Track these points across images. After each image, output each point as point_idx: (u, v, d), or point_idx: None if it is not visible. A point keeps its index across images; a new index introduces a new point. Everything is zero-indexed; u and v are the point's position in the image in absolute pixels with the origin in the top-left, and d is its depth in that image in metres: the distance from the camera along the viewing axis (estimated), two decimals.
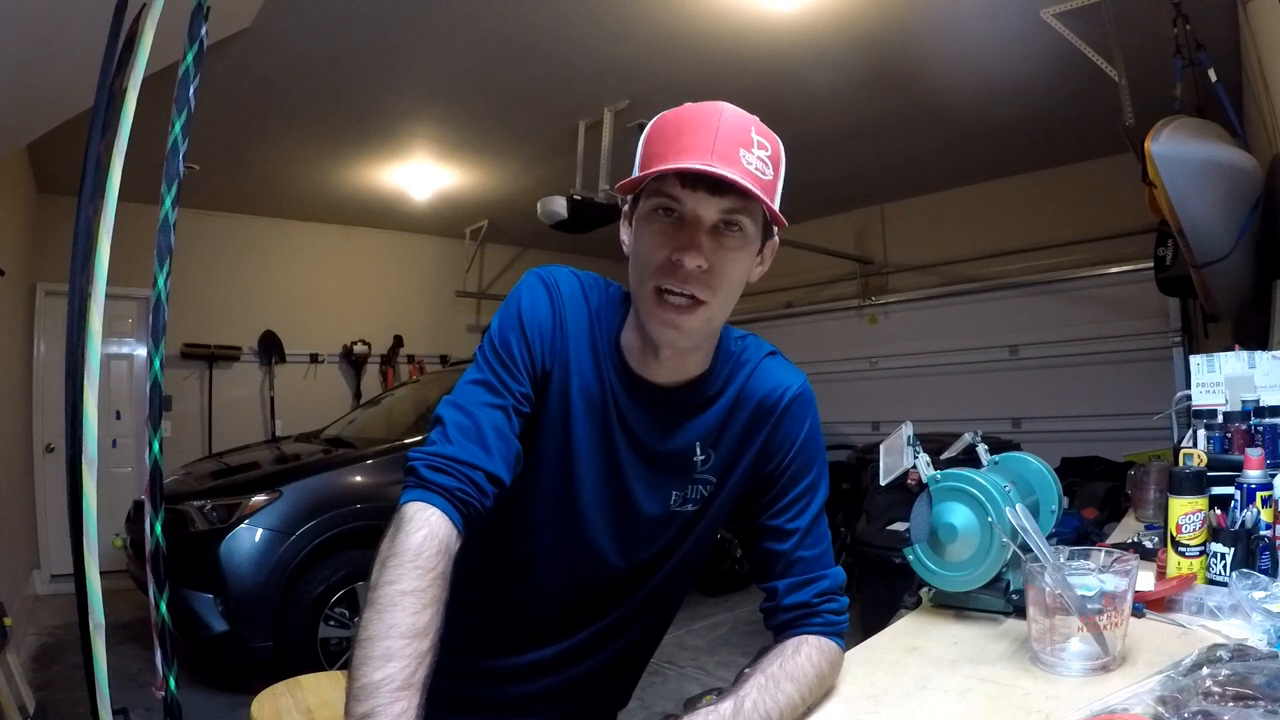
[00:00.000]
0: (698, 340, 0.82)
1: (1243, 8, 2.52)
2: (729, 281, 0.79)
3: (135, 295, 4.71)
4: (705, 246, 0.76)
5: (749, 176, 0.74)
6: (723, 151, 0.74)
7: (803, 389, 0.92)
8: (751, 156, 0.75)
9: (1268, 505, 1.05)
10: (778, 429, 0.90)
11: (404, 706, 0.60)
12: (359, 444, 3.88)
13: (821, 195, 5.79)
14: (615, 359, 0.87)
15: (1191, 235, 2.03)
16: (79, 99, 2.60)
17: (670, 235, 0.77)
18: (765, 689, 0.76)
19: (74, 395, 1.65)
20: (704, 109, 0.78)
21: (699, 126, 0.76)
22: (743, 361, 0.91)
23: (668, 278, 0.77)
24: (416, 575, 0.67)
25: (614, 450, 0.87)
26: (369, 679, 0.61)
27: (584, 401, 0.86)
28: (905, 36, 3.32)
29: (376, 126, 4.22)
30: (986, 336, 5.46)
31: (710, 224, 0.76)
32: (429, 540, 0.69)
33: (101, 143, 1.76)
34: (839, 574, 0.90)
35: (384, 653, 0.62)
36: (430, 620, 0.66)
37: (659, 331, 0.79)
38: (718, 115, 0.76)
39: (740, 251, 0.79)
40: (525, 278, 0.88)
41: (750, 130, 0.77)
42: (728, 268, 0.78)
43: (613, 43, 3.34)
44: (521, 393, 0.82)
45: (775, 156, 0.79)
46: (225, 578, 3.00)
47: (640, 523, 0.90)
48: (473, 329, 6.88)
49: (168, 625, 1.68)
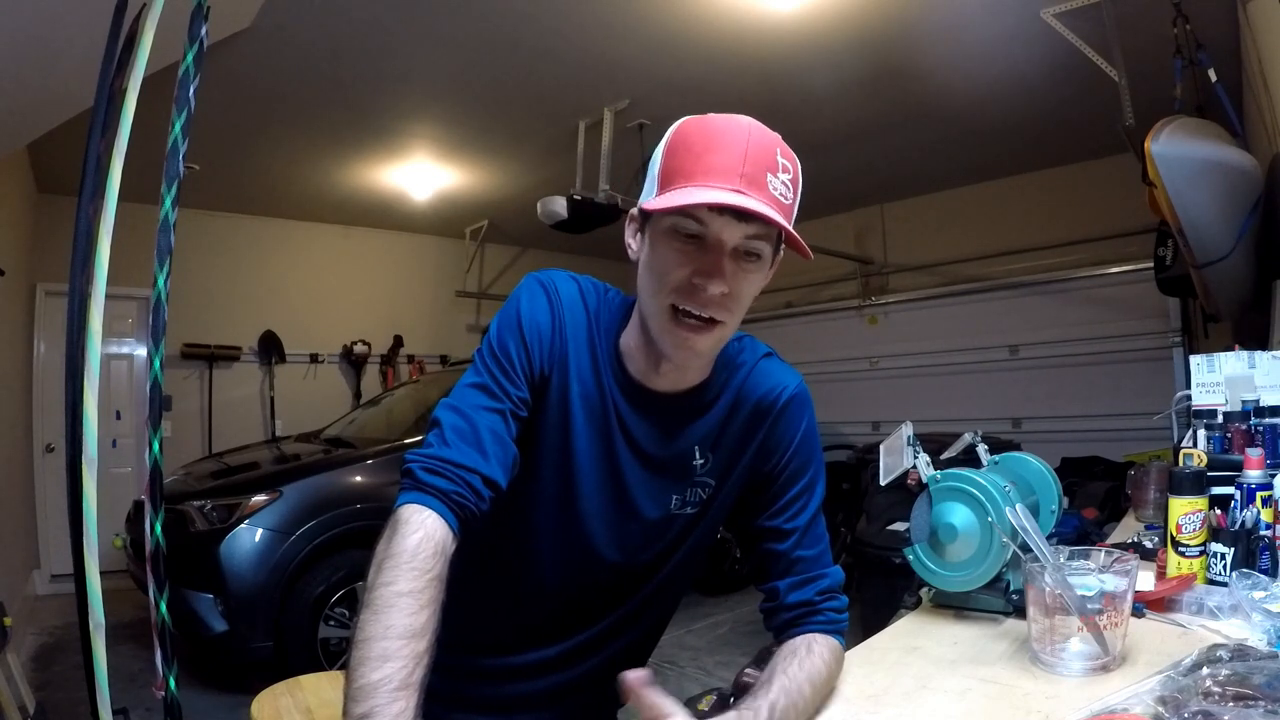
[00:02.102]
0: (709, 356, 0.83)
1: (1243, 8, 2.52)
2: (743, 302, 0.79)
3: (135, 295, 4.71)
4: (728, 271, 0.75)
5: (774, 203, 0.74)
6: (750, 176, 0.73)
7: (799, 389, 0.92)
8: (777, 181, 0.75)
9: (1268, 505, 1.05)
10: (774, 429, 0.90)
11: (402, 707, 0.60)
12: (359, 444, 3.87)
13: (821, 195, 5.78)
14: (614, 364, 0.87)
15: (1191, 235, 2.03)
16: (79, 99, 2.60)
17: (692, 256, 0.76)
18: (790, 693, 0.76)
19: (74, 395, 1.65)
20: (731, 125, 0.76)
21: (727, 145, 0.74)
22: (740, 363, 0.91)
23: (687, 299, 0.76)
24: (413, 577, 0.66)
25: (614, 455, 0.87)
26: (366, 680, 0.61)
27: (584, 406, 0.86)
28: (905, 36, 3.32)
29: (376, 126, 4.22)
30: (986, 336, 5.46)
31: (732, 248, 0.76)
32: (425, 542, 0.69)
33: (101, 143, 1.76)
34: (838, 573, 0.90)
35: (381, 654, 0.62)
36: (427, 621, 0.65)
37: (672, 349, 0.79)
38: (745, 135, 0.75)
39: (757, 274, 0.79)
40: (524, 281, 0.88)
41: (776, 153, 0.76)
42: (745, 289, 0.78)
43: (613, 43, 3.33)
44: (519, 397, 0.81)
45: (796, 179, 0.78)
46: (225, 578, 3.00)
47: (640, 526, 0.90)
48: (473, 329, 6.88)
49: (168, 625, 1.68)
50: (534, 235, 6.07)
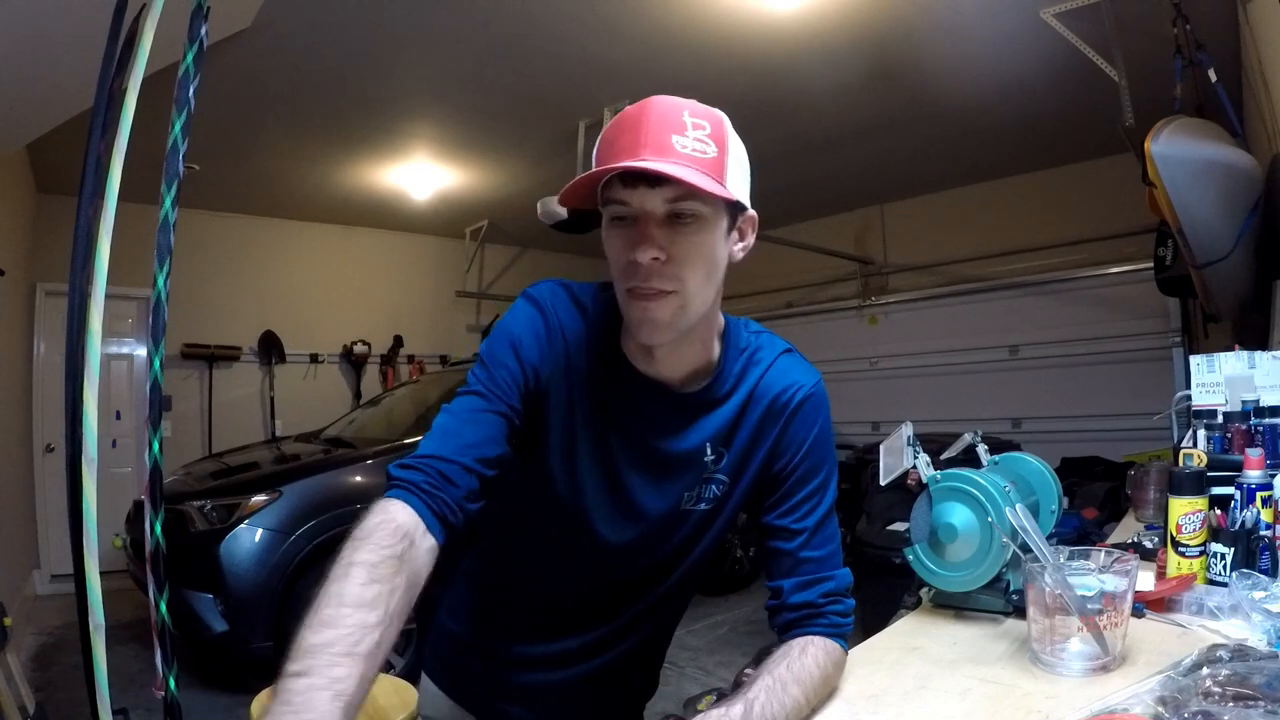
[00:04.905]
0: (679, 328, 0.81)
1: (1243, 8, 2.52)
2: (693, 267, 0.78)
3: (135, 295, 4.70)
4: (657, 238, 0.76)
5: (686, 160, 0.74)
6: (654, 143, 0.74)
7: (815, 389, 0.91)
8: (686, 140, 0.75)
9: (1268, 505, 1.05)
10: (788, 428, 0.90)
11: (343, 674, 0.58)
12: (359, 444, 3.88)
13: (821, 195, 5.79)
14: (619, 363, 0.87)
15: (1191, 235, 2.03)
16: (79, 99, 2.61)
17: (628, 237, 0.77)
18: (773, 691, 0.76)
19: (74, 395, 1.65)
20: (636, 106, 0.78)
21: (630, 124, 0.76)
22: (757, 360, 0.91)
23: (632, 277, 0.77)
24: (367, 550, 0.66)
25: (615, 453, 0.88)
26: (308, 642, 0.59)
27: (586, 407, 0.87)
28: (905, 36, 3.32)
29: (376, 126, 4.22)
30: (986, 336, 5.46)
31: (660, 216, 0.76)
32: (385, 524, 0.69)
33: (101, 143, 1.76)
34: (846, 575, 0.90)
35: (327, 620, 0.61)
36: (379, 595, 0.64)
37: (637, 326, 0.80)
38: (647, 108, 0.77)
39: (700, 235, 0.78)
40: (516, 300, 0.90)
41: (683, 114, 0.76)
42: (687, 252, 0.77)
43: (613, 43, 3.34)
44: (509, 404, 0.82)
45: (717, 133, 0.78)
46: (225, 578, 3.00)
47: (648, 523, 0.90)
48: (473, 329, 6.88)
49: (168, 625, 1.68)
50: (534, 235, 6.07)
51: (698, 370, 0.88)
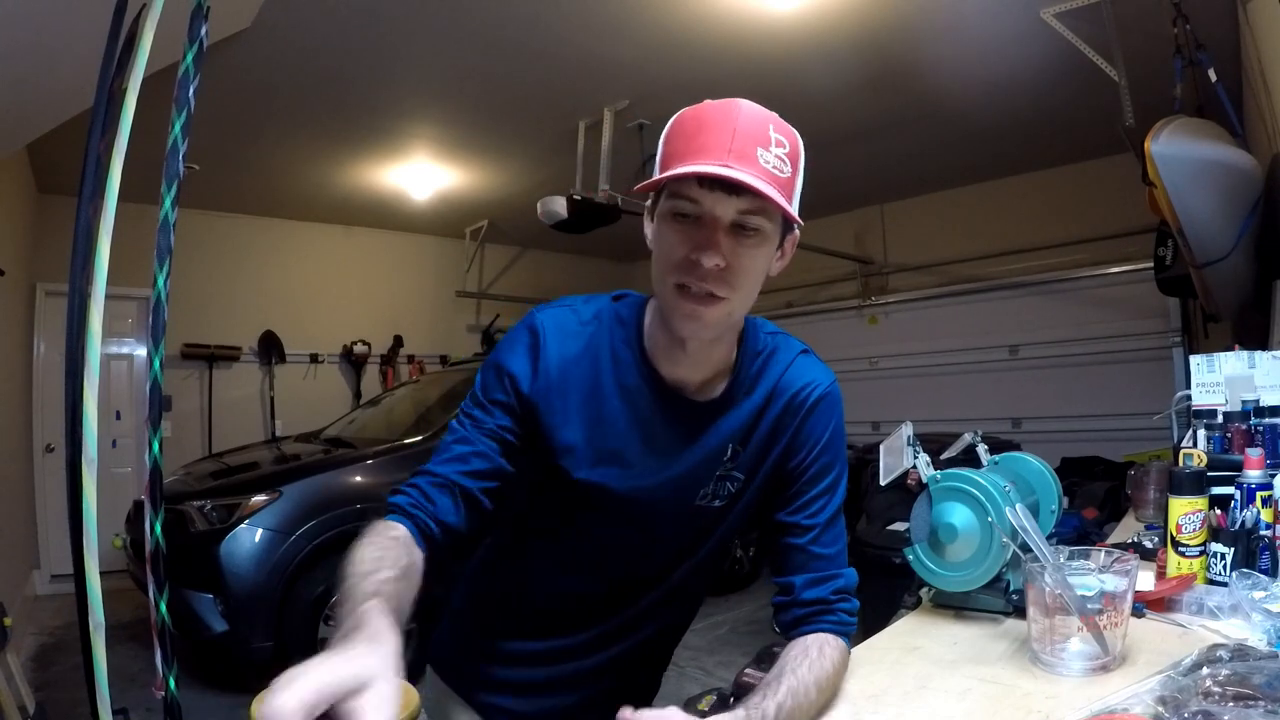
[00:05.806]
0: (719, 331, 0.84)
1: (1243, 8, 2.52)
2: (747, 278, 0.80)
3: (135, 295, 4.70)
4: (723, 245, 0.76)
5: (766, 176, 0.74)
6: (740, 151, 0.74)
7: (831, 388, 0.93)
8: (769, 155, 0.75)
9: (1268, 505, 1.05)
10: (804, 425, 0.91)
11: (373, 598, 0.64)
12: (359, 444, 3.87)
13: (821, 195, 5.78)
14: (642, 367, 0.88)
15: (1191, 235, 2.03)
16: (79, 99, 2.60)
17: (689, 234, 0.78)
18: (796, 693, 0.77)
19: (74, 395, 1.65)
20: (722, 106, 0.78)
21: (717, 125, 0.76)
22: (775, 361, 0.92)
23: (687, 275, 0.78)
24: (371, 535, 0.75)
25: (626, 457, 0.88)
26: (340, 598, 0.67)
27: (600, 411, 0.87)
28: (905, 37, 3.32)
29: (376, 126, 4.22)
30: (986, 336, 5.46)
31: (728, 223, 0.77)
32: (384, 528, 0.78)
33: (101, 143, 1.76)
34: (853, 574, 0.91)
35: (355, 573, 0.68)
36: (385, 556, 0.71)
37: (681, 324, 0.81)
38: (735, 113, 0.76)
39: (758, 249, 0.79)
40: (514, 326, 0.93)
41: (769, 128, 0.77)
42: (745, 264, 0.79)
43: (613, 43, 3.34)
44: (499, 424, 0.86)
45: (794, 153, 0.79)
46: (225, 578, 3.00)
47: (664, 522, 0.92)
48: (473, 329, 6.88)
49: (168, 625, 1.68)
50: (534, 235, 6.06)
51: (718, 371, 0.89)
